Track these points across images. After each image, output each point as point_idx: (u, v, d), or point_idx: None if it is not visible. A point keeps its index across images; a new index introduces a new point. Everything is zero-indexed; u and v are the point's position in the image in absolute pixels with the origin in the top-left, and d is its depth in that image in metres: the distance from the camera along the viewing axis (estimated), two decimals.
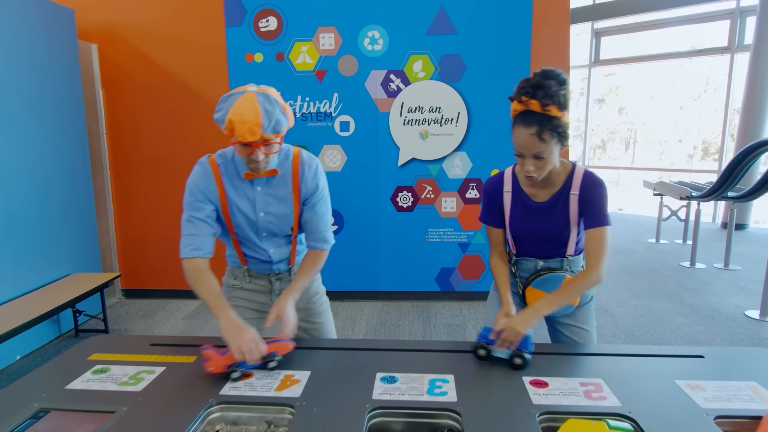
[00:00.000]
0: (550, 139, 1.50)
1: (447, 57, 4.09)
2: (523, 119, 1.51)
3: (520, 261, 1.82)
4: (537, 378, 1.43)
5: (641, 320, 3.95)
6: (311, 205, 1.75)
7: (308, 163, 1.72)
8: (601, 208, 1.62)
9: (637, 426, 1.20)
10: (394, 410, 1.29)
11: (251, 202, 1.69)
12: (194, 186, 1.64)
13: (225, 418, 1.32)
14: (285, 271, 1.88)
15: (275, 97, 1.52)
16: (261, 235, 1.75)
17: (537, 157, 1.53)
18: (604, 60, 9.39)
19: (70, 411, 1.32)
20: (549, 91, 1.45)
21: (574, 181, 1.64)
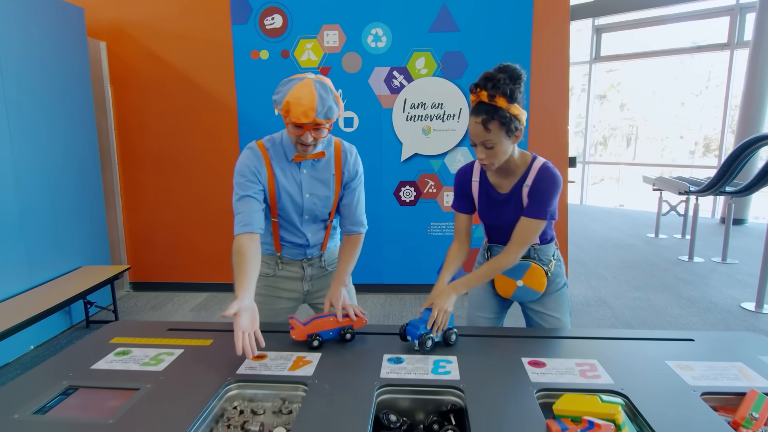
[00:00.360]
0: (497, 130, 1.56)
1: (449, 54, 4.16)
2: (474, 109, 1.59)
3: (492, 248, 1.92)
4: (535, 359, 1.51)
5: (639, 312, 4.04)
6: (351, 190, 1.87)
7: (349, 149, 1.86)
8: (544, 201, 1.67)
9: (628, 401, 1.28)
10: (401, 387, 1.38)
11: (298, 184, 1.79)
12: (244, 167, 1.72)
13: (242, 396, 1.41)
14: (317, 257, 1.97)
15: (330, 86, 1.62)
16: (303, 218, 1.85)
17: (486, 145, 1.60)
18: (605, 56, 9.44)
19: (97, 388, 1.41)
20: (498, 83, 1.53)
21: (530, 173, 1.71)
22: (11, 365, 3.24)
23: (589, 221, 8.04)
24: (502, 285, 1.88)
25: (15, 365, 3.24)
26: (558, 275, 1.89)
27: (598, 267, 5.37)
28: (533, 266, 1.82)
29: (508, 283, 1.86)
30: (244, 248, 1.64)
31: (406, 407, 1.38)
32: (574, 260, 5.53)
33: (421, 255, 4.50)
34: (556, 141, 4.28)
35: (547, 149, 4.26)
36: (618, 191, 11.12)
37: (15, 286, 3.33)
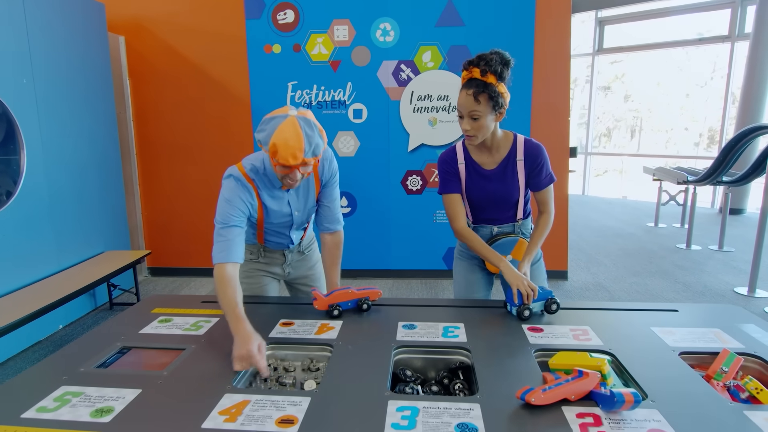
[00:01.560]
0: (485, 102, 1.73)
1: (455, 48, 4.32)
2: (466, 83, 1.75)
3: (477, 228, 2.06)
4: (534, 325, 1.70)
5: (636, 296, 4.21)
6: (328, 191, 1.95)
7: (324, 156, 1.88)
8: (546, 167, 1.92)
9: (615, 359, 1.46)
10: (415, 348, 1.57)
11: (287, 205, 1.88)
12: (235, 199, 1.72)
13: (275, 356, 1.60)
14: (296, 245, 2.09)
15: (313, 120, 1.65)
16: (292, 228, 1.97)
17: (472, 116, 1.76)
18: (608, 48, 9.54)
19: (147, 348, 1.60)
20: (490, 62, 1.70)
21: (518, 149, 1.90)
22: (43, 343, 3.45)
23: (590, 211, 8.20)
24: None
25: (46, 343, 3.45)
26: None
27: (598, 254, 5.54)
28: (520, 241, 2.01)
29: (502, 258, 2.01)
30: (227, 278, 1.62)
31: (420, 365, 1.57)
32: (575, 248, 5.70)
33: (427, 242, 4.68)
34: (558, 131, 4.44)
35: (548, 139, 4.42)
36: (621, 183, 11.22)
37: (44, 269, 3.53)
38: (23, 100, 3.30)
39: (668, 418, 1.15)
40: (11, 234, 3.21)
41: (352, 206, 4.67)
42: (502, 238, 2.01)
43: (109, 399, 1.27)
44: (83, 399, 1.27)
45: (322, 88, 4.45)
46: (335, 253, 2.01)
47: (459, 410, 1.20)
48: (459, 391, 1.41)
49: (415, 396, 1.31)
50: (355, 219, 4.65)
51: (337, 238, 2.02)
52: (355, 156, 4.55)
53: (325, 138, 1.74)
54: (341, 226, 2.03)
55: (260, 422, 1.16)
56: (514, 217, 2.02)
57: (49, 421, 1.18)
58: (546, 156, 1.92)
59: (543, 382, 1.33)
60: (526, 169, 1.91)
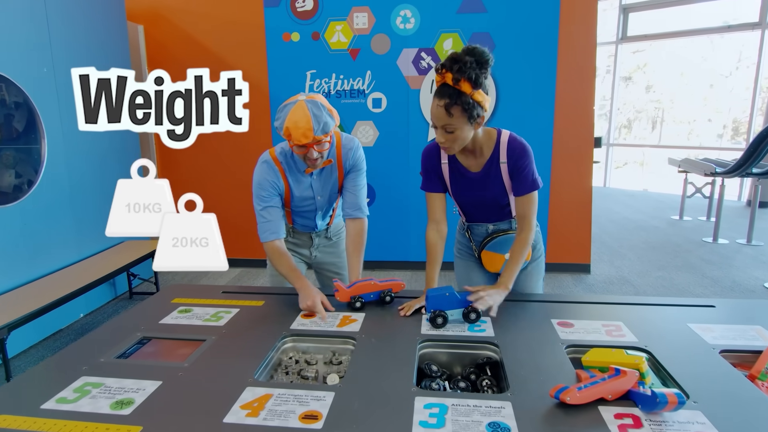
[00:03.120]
0: (459, 115, 1.55)
1: (477, 35, 4.22)
2: (438, 91, 1.57)
3: (472, 226, 1.96)
4: (563, 320, 1.63)
5: (662, 290, 4.11)
6: (352, 177, 1.98)
7: (348, 145, 1.95)
8: (529, 174, 1.72)
9: (652, 356, 1.39)
10: (441, 342, 1.52)
11: (311, 190, 1.96)
12: (263, 181, 1.89)
13: (296, 348, 1.56)
14: (323, 230, 2.16)
15: (322, 102, 1.74)
16: (317, 212, 2.04)
17: (446, 129, 1.59)
18: (632, 36, 9.31)
19: (167, 339, 1.57)
20: (464, 66, 1.49)
21: (501, 149, 1.72)
22: (64, 331, 3.47)
23: (612, 203, 8.05)
24: (490, 261, 1.94)
25: (67, 331, 3.47)
26: (538, 242, 1.96)
27: (621, 248, 5.42)
28: None
29: (496, 258, 1.91)
30: (279, 250, 1.89)
31: (446, 360, 1.52)
32: (597, 241, 5.59)
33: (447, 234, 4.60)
34: (582, 121, 4.33)
35: (572, 129, 4.32)
36: (642, 175, 11.00)
37: (65, 258, 3.54)
38: (44, 90, 3.31)
39: (713, 421, 1.08)
40: (32, 223, 3.23)
41: (370, 197, 4.62)
42: (499, 236, 1.91)
43: (129, 391, 1.24)
44: (103, 390, 1.25)
45: (340, 77, 4.39)
46: (357, 241, 1.98)
47: (490, 408, 1.15)
48: (487, 387, 1.36)
49: (442, 393, 1.26)
50: (373, 210, 4.56)
51: (360, 226, 2.00)
52: (374, 146, 4.49)
53: (336, 118, 1.81)
54: (364, 215, 2.01)
55: (283, 417, 1.12)
56: (509, 214, 1.91)
57: (68, 412, 1.16)
58: (531, 158, 1.73)
59: (577, 380, 1.27)
60: (509, 171, 1.74)
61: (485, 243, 1.93)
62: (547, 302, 1.81)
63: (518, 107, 4.31)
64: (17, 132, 3.20)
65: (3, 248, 3.02)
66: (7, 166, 3.15)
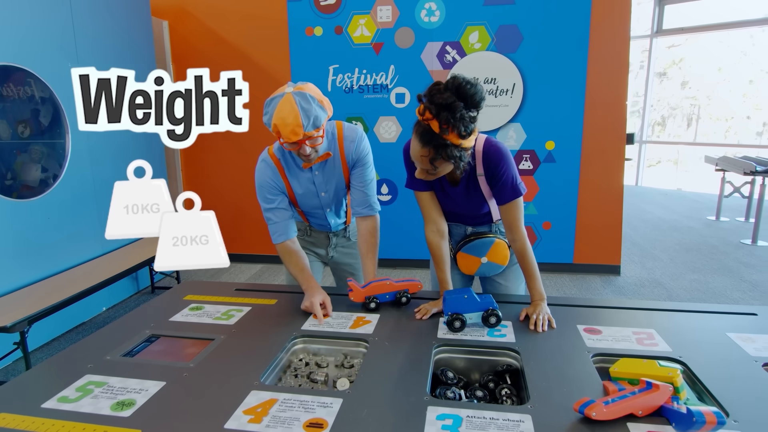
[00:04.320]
0: (442, 164, 1.46)
1: (504, 27, 4.10)
2: (421, 133, 1.42)
3: (451, 226, 1.86)
4: (590, 326, 1.53)
5: (696, 294, 3.92)
6: (359, 172, 1.85)
7: (350, 136, 1.82)
8: (508, 181, 1.59)
9: (687, 368, 1.28)
10: (458, 347, 1.44)
11: (313, 186, 1.85)
12: (263, 182, 1.80)
13: (307, 350, 1.50)
14: (341, 229, 2.07)
15: (311, 92, 1.61)
16: (325, 210, 1.94)
17: (428, 171, 1.51)
18: (668, 30, 8.97)
19: (176, 337, 1.53)
20: (454, 115, 1.34)
21: (477, 161, 1.60)
22: (86, 324, 3.51)
23: (644, 203, 7.78)
24: (465, 263, 1.84)
25: (90, 324, 3.50)
26: None
27: (654, 249, 5.22)
28: (497, 242, 1.79)
29: (471, 261, 1.83)
30: (291, 249, 1.82)
31: (463, 366, 1.44)
32: (628, 241, 5.39)
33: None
34: (614, 117, 4.16)
35: (603, 126, 4.16)
36: (676, 174, 10.64)
37: (88, 252, 3.57)
38: (68, 85, 3.32)
39: None
40: (56, 216, 3.26)
41: (392, 194, 4.55)
42: (477, 238, 1.80)
43: (131, 391, 1.20)
44: (106, 390, 1.21)
45: (363, 72, 4.32)
46: (370, 241, 1.88)
47: (507, 422, 1.06)
48: (506, 397, 1.27)
49: (457, 402, 1.18)
50: (395, 207, 4.52)
51: (371, 224, 1.89)
52: (396, 142, 4.41)
53: (328, 107, 1.67)
54: (376, 212, 1.90)
55: (287, 425, 1.06)
56: (490, 219, 1.81)
57: (68, 412, 1.12)
58: (508, 162, 1.57)
59: (604, 392, 1.17)
60: (487, 182, 1.62)
61: (462, 245, 1.83)
62: (573, 306, 1.71)
63: (546, 103, 4.17)
64: (43, 127, 3.23)
65: (27, 241, 3.05)
66: (34, 160, 3.19)
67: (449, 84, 1.38)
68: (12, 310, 2.64)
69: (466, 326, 1.51)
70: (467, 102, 1.37)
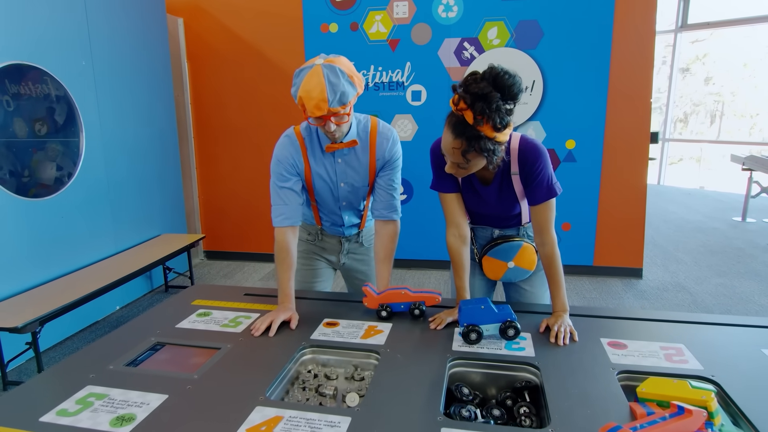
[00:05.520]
0: (475, 157, 1.39)
1: (524, 23, 3.99)
2: (453, 125, 1.36)
3: (476, 229, 1.79)
4: (615, 340, 1.45)
5: (722, 299, 3.78)
6: (387, 174, 1.78)
7: (385, 134, 1.75)
8: (544, 180, 1.51)
9: (720, 389, 1.20)
10: (474, 361, 1.36)
11: (332, 173, 1.76)
12: (282, 157, 1.70)
13: (316, 360, 1.45)
14: (354, 234, 1.99)
15: (341, 67, 1.53)
16: (341, 204, 1.83)
17: (459, 166, 1.44)
18: (693, 24, 8.71)
19: (181, 345, 1.49)
20: (490, 106, 1.28)
21: (512, 157, 1.52)
22: (100, 323, 3.50)
23: (666, 202, 7.59)
24: (491, 268, 1.77)
25: (103, 323, 3.50)
26: None
27: (677, 251, 5.06)
28: (525, 245, 1.72)
29: (497, 265, 1.76)
30: (289, 245, 1.70)
31: (478, 381, 1.36)
32: (650, 243, 5.25)
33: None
34: (637, 116, 4.03)
35: (626, 124, 4.03)
36: (698, 172, 10.39)
37: (102, 251, 3.57)
38: (82, 83, 3.32)
39: None
40: (70, 215, 3.25)
41: (408, 193, 4.47)
42: (504, 242, 1.73)
43: (132, 405, 1.16)
44: (106, 403, 1.17)
45: (379, 69, 4.25)
46: (389, 246, 1.81)
47: None
48: (525, 416, 1.20)
49: (473, 424, 1.11)
50: (411, 207, 4.45)
51: (392, 230, 1.81)
52: (412, 140, 4.34)
53: (358, 83, 1.59)
54: (398, 217, 1.82)
55: None
56: (518, 221, 1.74)
57: (66, 427, 1.08)
58: (545, 160, 1.51)
59: (631, 416, 1.09)
60: (522, 181, 1.55)
61: (488, 248, 1.76)
62: (596, 317, 1.62)
63: (567, 100, 4.05)
64: (58, 125, 3.23)
65: (42, 240, 3.05)
66: (50, 158, 3.18)
67: (486, 74, 1.32)
68: (24, 310, 2.64)
69: (482, 338, 1.43)
70: (504, 93, 1.31)
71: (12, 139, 2.93)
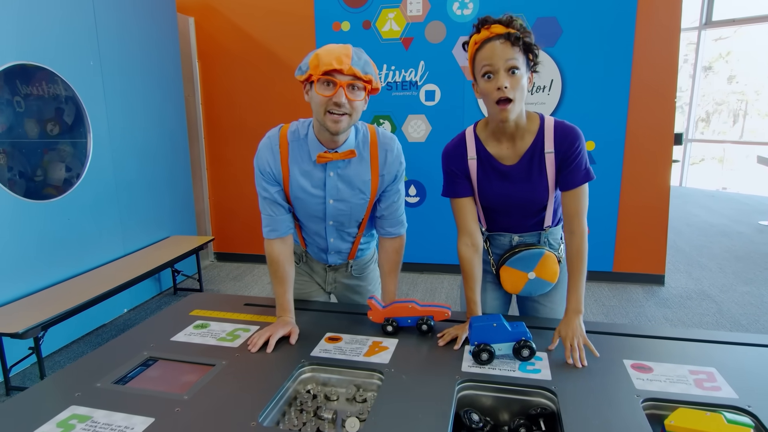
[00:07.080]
0: (520, 55, 1.34)
1: (542, 20, 3.86)
2: (494, 37, 1.34)
3: (493, 236, 1.65)
4: (639, 362, 1.33)
5: (750, 309, 3.61)
6: (393, 189, 1.61)
7: (389, 145, 1.55)
8: (582, 162, 1.44)
9: (758, 422, 1.08)
10: (485, 384, 1.26)
11: (320, 187, 1.53)
12: (259, 162, 1.53)
13: (316, 379, 1.36)
14: (342, 265, 1.79)
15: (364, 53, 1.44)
16: (327, 223, 1.62)
17: (512, 70, 1.32)
18: (717, 21, 8.45)
19: (174, 361, 1.41)
20: (526, 30, 1.36)
21: (546, 135, 1.44)
22: (107, 326, 3.47)
23: (689, 205, 7.37)
24: (510, 279, 1.61)
25: (111, 326, 3.46)
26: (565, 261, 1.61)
27: (701, 256, 4.88)
28: (546, 254, 1.56)
29: (517, 276, 1.60)
30: (279, 257, 1.58)
31: (489, 406, 1.26)
32: (672, 248, 5.07)
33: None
34: (661, 116, 3.88)
35: (649, 125, 3.88)
36: (721, 172, 10.11)
37: (110, 253, 3.53)
38: (90, 83, 3.28)
39: None
40: (78, 217, 3.21)
41: (420, 196, 4.37)
42: (524, 250, 1.58)
43: (116, 429, 1.08)
44: (88, 426, 1.09)
45: (392, 68, 4.16)
46: (394, 259, 1.69)
47: None
48: None
49: None
50: (423, 210, 4.35)
51: (399, 243, 1.69)
52: (425, 141, 4.24)
53: (377, 73, 1.46)
54: (405, 228, 1.70)
55: None
56: (540, 225, 1.59)
57: None
58: (583, 143, 1.45)
59: None
60: (556, 163, 1.45)
61: (507, 257, 1.61)
62: (618, 335, 1.50)
63: (587, 100, 3.91)
64: (67, 126, 3.19)
65: (49, 242, 3.01)
66: (60, 159, 3.14)
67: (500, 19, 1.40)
68: (28, 314, 2.60)
69: (494, 358, 1.33)
70: None
71: (22, 140, 2.90)
